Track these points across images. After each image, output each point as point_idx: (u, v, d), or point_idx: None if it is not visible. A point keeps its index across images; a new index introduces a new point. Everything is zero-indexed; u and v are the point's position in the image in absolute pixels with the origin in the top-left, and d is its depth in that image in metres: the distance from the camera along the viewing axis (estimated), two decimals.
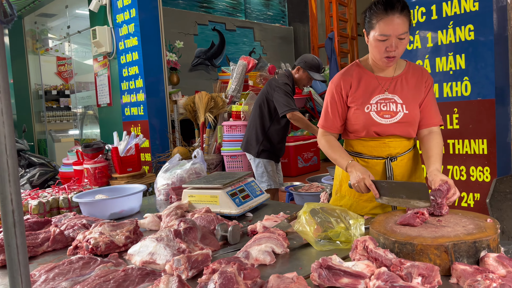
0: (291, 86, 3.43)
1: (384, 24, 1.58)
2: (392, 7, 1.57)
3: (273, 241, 1.34)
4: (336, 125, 1.82)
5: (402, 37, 1.60)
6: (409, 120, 1.73)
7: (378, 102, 1.72)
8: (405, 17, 1.60)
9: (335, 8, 7.41)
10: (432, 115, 1.78)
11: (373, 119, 1.71)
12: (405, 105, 1.72)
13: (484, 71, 2.61)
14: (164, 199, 2.31)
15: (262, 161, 3.54)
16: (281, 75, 3.52)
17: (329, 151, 1.80)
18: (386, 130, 1.73)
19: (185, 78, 6.95)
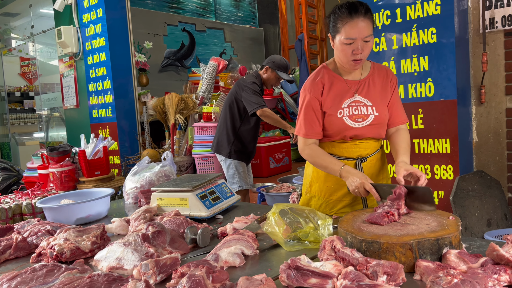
0: (259, 86, 3.45)
1: (349, 27, 1.61)
2: (356, 11, 1.60)
3: (242, 243, 1.34)
4: (318, 131, 1.79)
5: (367, 39, 1.63)
6: (380, 121, 1.76)
7: (349, 106, 1.75)
8: (369, 20, 1.63)
9: (305, 10, 7.48)
10: (399, 114, 1.83)
11: (347, 124, 1.73)
12: (375, 107, 1.75)
13: (446, 72, 2.71)
14: (133, 202, 2.27)
15: (233, 162, 3.54)
16: (249, 76, 3.55)
17: (317, 160, 1.77)
18: (359, 134, 1.75)
19: (154, 79, 6.85)
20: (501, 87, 2.93)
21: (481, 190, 2.69)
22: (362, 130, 1.75)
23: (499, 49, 2.91)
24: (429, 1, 2.73)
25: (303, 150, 1.81)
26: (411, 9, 2.82)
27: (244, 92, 3.39)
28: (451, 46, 2.68)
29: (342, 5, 1.65)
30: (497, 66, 2.93)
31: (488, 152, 3.01)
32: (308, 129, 1.79)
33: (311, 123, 1.78)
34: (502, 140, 2.95)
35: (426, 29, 2.77)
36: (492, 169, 3.00)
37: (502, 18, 2.87)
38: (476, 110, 3.02)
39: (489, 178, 2.76)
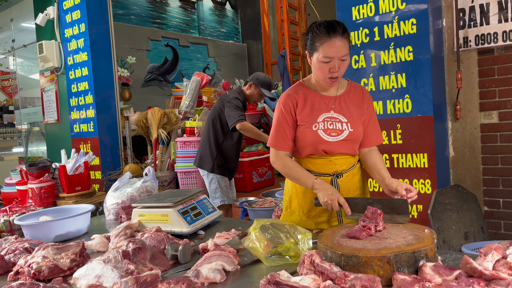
0: (242, 101, 3.49)
1: (327, 46, 1.66)
2: (334, 30, 1.65)
3: (223, 258, 1.35)
4: (290, 144, 1.83)
5: (344, 58, 1.68)
6: (354, 138, 1.80)
7: (325, 120, 1.78)
8: (346, 39, 1.68)
9: (287, 27, 7.62)
10: (374, 135, 1.87)
11: (321, 137, 1.77)
12: (349, 124, 1.79)
13: (422, 89, 2.79)
14: (114, 219, 2.25)
15: (216, 176, 3.54)
16: (232, 91, 3.59)
17: (289, 172, 1.81)
18: (333, 148, 1.79)
19: (137, 94, 6.83)
20: (475, 103, 3.03)
21: (458, 203, 2.75)
22: (335, 145, 1.78)
23: (473, 67, 3.02)
24: (405, 20, 2.83)
25: (275, 162, 1.86)
26: (388, 28, 2.91)
27: (226, 107, 3.43)
28: (427, 64, 2.77)
29: (320, 23, 1.69)
30: (471, 83, 3.03)
31: (464, 167, 3.09)
32: (279, 141, 1.83)
33: (283, 135, 1.82)
34: (477, 155, 3.04)
35: (403, 47, 2.86)
36: (468, 183, 3.08)
37: (475, 37, 2.99)
38: (452, 125, 3.11)
39: (465, 192, 2.83)
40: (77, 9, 4.67)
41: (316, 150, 1.80)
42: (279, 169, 1.85)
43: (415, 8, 2.78)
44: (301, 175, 1.77)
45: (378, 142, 1.89)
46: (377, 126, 1.90)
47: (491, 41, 2.93)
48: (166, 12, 8.04)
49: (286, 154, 1.85)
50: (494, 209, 3.02)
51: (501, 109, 2.93)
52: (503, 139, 2.94)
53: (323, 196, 1.65)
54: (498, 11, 2.89)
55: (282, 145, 1.83)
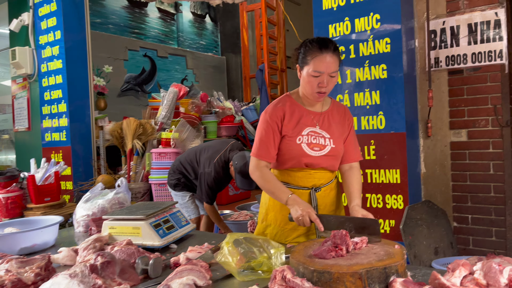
0: (216, 179, 3.33)
1: (318, 61, 1.70)
2: (326, 47, 1.71)
3: (195, 273, 1.33)
4: (272, 154, 1.83)
5: (333, 75, 1.73)
6: (335, 154, 1.84)
7: (309, 134, 1.81)
8: (337, 56, 1.73)
9: (266, 42, 7.70)
10: (353, 152, 1.91)
11: (304, 151, 1.79)
12: (332, 140, 1.83)
13: (396, 106, 2.86)
14: (84, 231, 2.19)
15: (179, 193, 3.54)
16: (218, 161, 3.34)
17: (265, 184, 1.81)
18: (315, 162, 1.81)
19: (113, 103, 6.73)
20: (446, 121, 3.12)
21: (429, 219, 2.81)
22: (317, 159, 1.81)
23: (443, 86, 3.12)
24: (380, 39, 2.90)
25: (254, 171, 1.84)
26: (363, 46, 2.98)
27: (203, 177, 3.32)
28: (400, 82, 2.85)
29: (314, 39, 1.76)
30: (442, 102, 3.13)
31: (434, 183, 3.17)
32: (263, 151, 1.83)
33: (267, 145, 1.82)
34: (447, 172, 3.13)
35: (377, 65, 2.93)
36: (438, 199, 3.15)
37: (446, 58, 3.09)
38: (424, 142, 3.19)
39: (436, 207, 2.89)
40: (53, 16, 4.60)
41: (298, 163, 1.81)
42: (256, 179, 1.84)
43: (389, 28, 2.86)
44: (277, 189, 1.77)
45: (357, 159, 1.92)
46: (356, 143, 1.95)
47: (460, 62, 3.04)
48: (145, 23, 8.01)
49: (267, 165, 1.85)
50: (463, 225, 3.10)
51: (470, 127, 3.03)
52: (471, 157, 3.04)
53: (295, 211, 1.66)
54: (468, 33, 3.01)
55: (264, 156, 1.83)
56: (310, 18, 3.29)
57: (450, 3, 3.08)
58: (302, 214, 1.63)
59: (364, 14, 2.95)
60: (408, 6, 3.00)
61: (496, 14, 2.89)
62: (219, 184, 3.36)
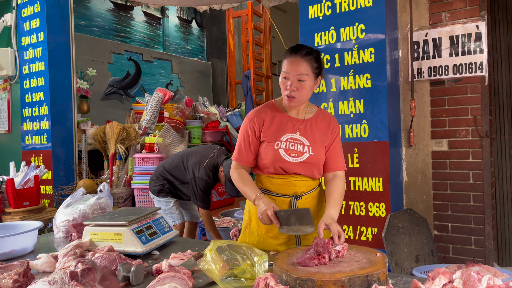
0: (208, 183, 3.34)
1: (287, 62, 1.77)
2: (296, 51, 1.76)
3: (177, 280, 1.31)
4: (249, 159, 1.88)
5: (300, 78, 1.74)
6: (314, 161, 1.84)
7: (287, 141, 1.82)
8: (307, 61, 1.75)
9: (252, 48, 7.73)
10: (337, 161, 1.91)
11: (281, 156, 1.80)
12: (311, 147, 1.83)
13: (379, 115, 2.90)
14: (64, 237, 2.14)
15: (163, 199, 3.50)
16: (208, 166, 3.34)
17: (239, 184, 1.85)
18: (291, 168, 1.82)
19: (96, 107, 6.65)
20: (428, 131, 3.18)
21: (410, 227, 2.85)
22: (294, 166, 1.81)
23: (425, 96, 3.18)
24: (364, 49, 2.95)
25: (232, 172, 1.90)
26: (348, 55, 3.02)
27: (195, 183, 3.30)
28: (383, 91, 2.89)
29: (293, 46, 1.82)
30: (424, 112, 3.19)
31: (416, 191, 3.21)
32: (241, 155, 1.89)
33: (244, 150, 1.88)
34: (428, 181, 3.18)
35: (362, 75, 2.97)
36: (420, 207, 3.20)
37: (428, 69, 3.16)
38: (406, 151, 3.24)
39: (417, 216, 2.93)
40: (36, 18, 4.53)
41: (275, 169, 1.83)
42: (233, 179, 1.89)
43: (373, 38, 2.91)
44: (248, 188, 1.81)
45: (341, 168, 1.91)
46: (340, 152, 1.93)
47: (442, 73, 3.10)
48: (131, 26, 7.95)
49: (246, 168, 1.90)
50: (443, 233, 3.15)
51: (451, 137, 3.09)
52: (452, 166, 3.10)
53: (258, 212, 1.69)
54: (450, 45, 3.07)
55: (243, 160, 1.89)
56: (296, 26, 3.32)
57: (432, 16, 3.15)
58: (261, 214, 1.66)
59: (349, 24, 2.99)
60: (392, 17, 3.06)
61: (477, 27, 2.96)
62: (211, 188, 3.36)
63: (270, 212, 1.63)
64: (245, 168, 1.91)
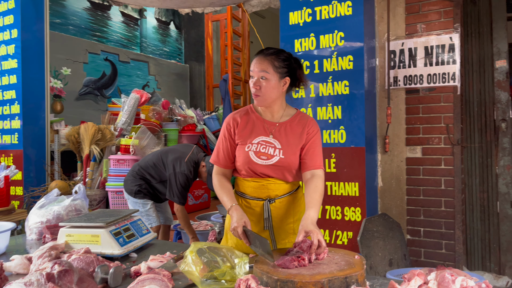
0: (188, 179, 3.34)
1: (253, 62, 1.82)
2: (262, 51, 1.84)
3: (157, 282, 1.30)
4: (227, 162, 1.89)
5: (262, 75, 1.78)
6: (284, 164, 1.82)
7: (259, 143, 1.83)
8: (269, 59, 1.79)
9: (230, 52, 7.75)
10: (314, 159, 1.85)
11: (250, 158, 1.81)
12: (282, 150, 1.82)
13: (356, 122, 2.96)
14: (37, 238, 2.08)
15: (139, 200, 3.45)
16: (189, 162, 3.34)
17: (218, 191, 1.86)
18: (261, 170, 1.82)
19: (70, 107, 6.51)
20: (402, 138, 3.27)
21: (384, 231, 2.91)
22: (264, 168, 1.82)
23: (401, 104, 3.27)
24: (343, 56, 3.01)
25: (214, 177, 1.92)
26: (327, 62, 3.07)
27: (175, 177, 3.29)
28: (361, 98, 2.96)
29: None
30: (399, 119, 3.27)
31: (390, 197, 3.29)
32: (219, 158, 1.91)
33: (222, 152, 1.90)
34: (402, 186, 3.26)
35: (340, 81, 3.03)
36: (394, 212, 3.27)
37: (403, 77, 3.25)
38: (381, 157, 3.31)
39: (391, 220, 3.00)
40: (10, 14, 4.41)
41: (246, 171, 1.84)
42: (214, 184, 1.91)
43: (352, 46, 2.98)
44: (225, 196, 1.82)
45: (317, 166, 1.85)
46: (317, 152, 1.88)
47: (417, 82, 3.20)
48: (108, 26, 7.83)
49: (225, 172, 1.91)
50: (416, 238, 3.23)
51: (424, 144, 3.19)
52: (425, 173, 3.19)
53: (231, 224, 1.69)
54: (425, 55, 3.18)
55: (220, 162, 1.91)
56: (274, 32, 3.36)
57: (409, 26, 3.25)
58: (233, 228, 1.66)
59: (329, 31, 3.05)
60: (370, 26, 3.14)
61: (451, 38, 3.07)
62: (190, 184, 3.34)
63: (240, 230, 1.63)
64: (226, 171, 1.92)
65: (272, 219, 1.86)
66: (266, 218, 1.84)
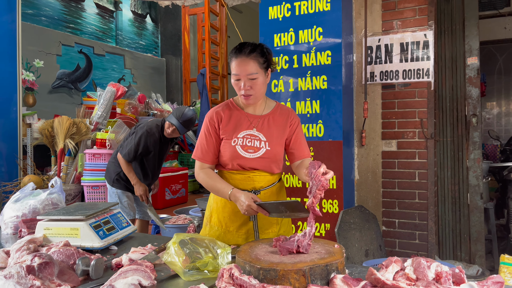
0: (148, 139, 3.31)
1: (235, 65, 1.79)
2: (240, 51, 1.79)
3: (140, 273, 1.30)
4: (211, 157, 1.89)
5: (252, 77, 1.78)
6: (271, 156, 1.87)
7: (244, 137, 1.85)
8: (254, 59, 1.78)
9: (208, 46, 7.70)
10: (302, 149, 1.94)
11: (238, 153, 1.83)
12: (268, 142, 1.86)
13: (334, 116, 3.01)
14: (12, 233, 2.04)
15: (117, 191, 3.42)
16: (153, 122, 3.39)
17: (209, 183, 1.84)
18: (249, 164, 1.85)
19: (43, 100, 6.34)
20: (378, 132, 3.35)
21: (361, 223, 2.98)
22: (252, 162, 1.85)
23: (377, 99, 3.34)
24: (322, 51, 3.05)
25: (198, 174, 1.90)
26: (306, 57, 3.11)
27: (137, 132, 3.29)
28: (338, 93, 3.01)
29: (236, 46, 1.84)
30: (375, 114, 3.35)
31: (367, 189, 3.37)
32: (203, 154, 1.89)
33: (206, 148, 1.88)
34: (378, 179, 3.34)
35: (318, 76, 3.07)
36: (370, 204, 3.35)
37: (380, 73, 3.32)
38: (358, 151, 3.38)
39: (367, 212, 3.07)
40: None
41: (233, 166, 1.86)
42: (201, 180, 1.89)
43: (330, 41, 3.02)
44: (220, 185, 1.81)
45: (305, 155, 1.92)
46: (304, 142, 1.96)
47: (393, 77, 3.28)
48: (82, 18, 7.65)
49: (210, 167, 1.90)
50: (391, 229, 3.32)
51: (399, 138, 3.27)
52: (400, 166, 3.28)
53: (240, 206, 1.71)
54: (400, 51, 3.25)
55: (205, 158, 1.89)
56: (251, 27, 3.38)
57: (385, 23, 3.32)
58: (245, 209, 1.68)
59: (308, 27, 3.09)
60: (348, 22, 3.19)
61: (425, 35, 3.16)
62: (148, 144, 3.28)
63: (254, 206, 1.66)
64: (211, 167, 1.91)
65: None
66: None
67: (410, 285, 1.19)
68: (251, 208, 1.67)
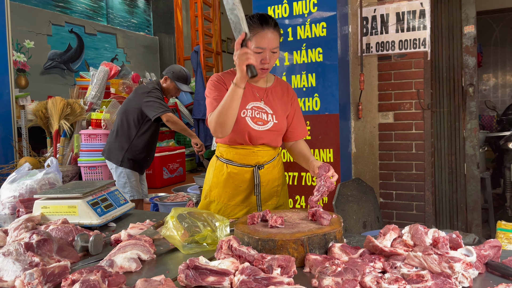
0: (161, 93, 3.40)
1: (260, 37, 1.69)
2: (267, 23, 1.71)
3: (139, 247, 1.31)
4: None
5: (274, 50, 1.74)
6: (278, 129, 1.87)
7: (253, 109, 1.82)
8: (277, 32, 1.75)
9: (201, 23, 7.56)
10: (299, 129, 1.95)
11: (248, 124, 1.80)
12: (275, 116, 1.85)
13: (330, 89, 2.98)
14: (10, 213, 2.04)
15: (125, 170, 3.40)
16: (150, 82, 3.47)
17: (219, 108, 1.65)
18: (257, 137, 1.83)
19: (35, 81, 6.25)
20: (375, 104, 3.33)
21: (358, 195, 3.00)
22: (260, 134, 1.83)
23: (373, 71, 3.31)
24: (316, 23, 3.00)
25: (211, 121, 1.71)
26: (301, 29, 3.06)
27: (147, 97, 3.28)
28: (334, 66, 2.97)
29: (254, 15, 1.74)
30: (372, 86, 3.32)
31: (364, 162, 3.38)
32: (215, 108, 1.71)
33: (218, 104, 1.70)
34: (375, 151, 3.34)
35: (314, 49, 3.02)
36: (367, 177, 3.37)
37: (376, 44, 3.28)
38: (355, 124, 3.37)
39: (364, 185, 3.09)
40: None
41: (243, 137, 1.82)
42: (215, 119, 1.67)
43: (325, 13, 2.96)
44: (227, 94, 1.63)
45: (303, 135, 1.97)
46: (301, 120, 1.98)
47: (389, 48, 3.24)
48: None
49: None
50: (388, 201, 3.35)
51: (396, 110, 3.26)
52: (397, 137, 3.28)
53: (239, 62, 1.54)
54: (396, 22, 3.20)
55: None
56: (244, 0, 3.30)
57: None
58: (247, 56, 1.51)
59: None
60: None
61: (421, 4, 3.11)
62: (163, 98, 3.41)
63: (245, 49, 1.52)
64: None
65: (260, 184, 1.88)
66: (257, 184, 1.86)
67: (407, 251, 1.20)
68: (247, 52, 1.52)
